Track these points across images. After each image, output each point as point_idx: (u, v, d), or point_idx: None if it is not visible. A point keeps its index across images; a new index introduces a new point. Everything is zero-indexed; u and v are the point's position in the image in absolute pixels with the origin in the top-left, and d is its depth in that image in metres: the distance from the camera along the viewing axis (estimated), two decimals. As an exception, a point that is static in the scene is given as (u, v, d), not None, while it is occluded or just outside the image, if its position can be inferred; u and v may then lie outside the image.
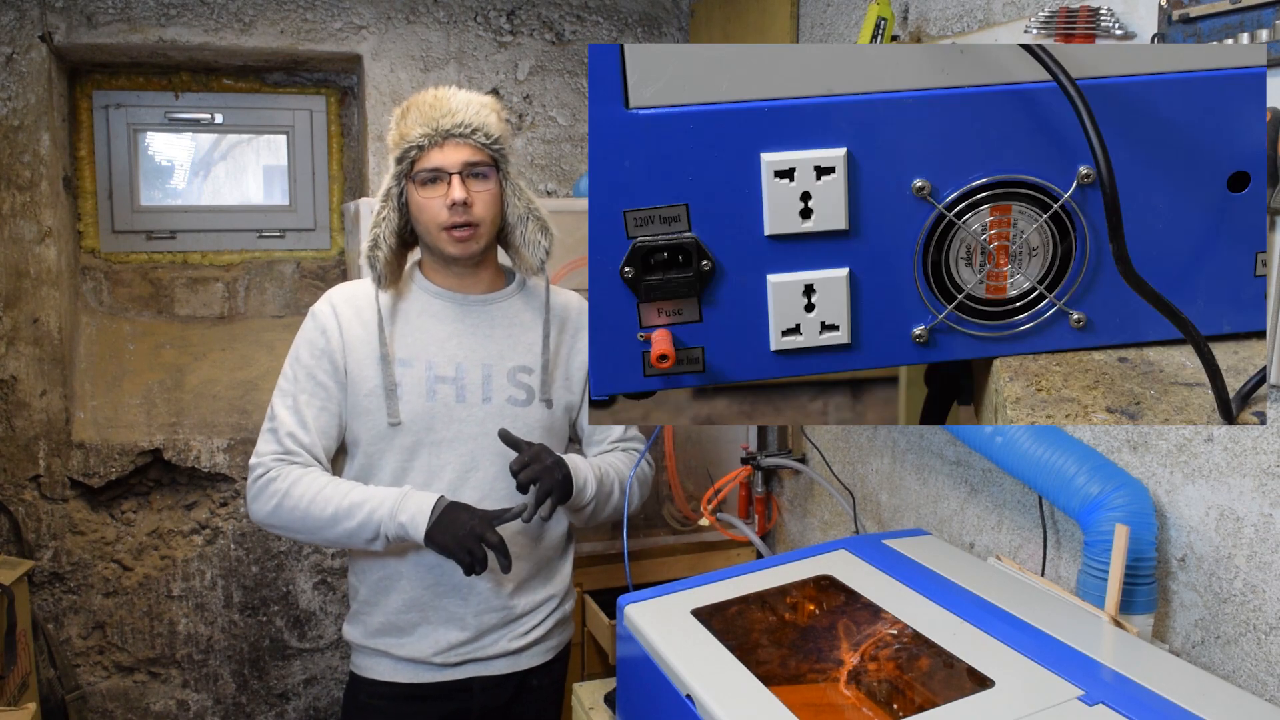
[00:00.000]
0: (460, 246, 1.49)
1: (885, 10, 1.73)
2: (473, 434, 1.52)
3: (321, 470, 1.53)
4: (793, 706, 1.03)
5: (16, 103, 2.41)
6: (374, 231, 1.50)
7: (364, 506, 1.46)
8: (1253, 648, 1.22)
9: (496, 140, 1.49)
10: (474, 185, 1.48)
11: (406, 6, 2.60)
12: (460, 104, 1.47)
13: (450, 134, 1.45)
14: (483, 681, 1.59)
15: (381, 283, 1.52)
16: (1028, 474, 1.42)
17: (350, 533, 1.47)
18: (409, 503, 1.45)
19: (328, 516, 1.47)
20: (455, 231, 1.48)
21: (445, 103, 1.47)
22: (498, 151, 1.50)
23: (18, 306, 2.45)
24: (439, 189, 1.46)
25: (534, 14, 2.70)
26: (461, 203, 1.45)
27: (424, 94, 1.50)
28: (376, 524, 1.45)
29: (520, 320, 1.59)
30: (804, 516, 2.34)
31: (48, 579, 2.53)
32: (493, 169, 1.50)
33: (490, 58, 2.68)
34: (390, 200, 1.50)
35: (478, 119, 1.47)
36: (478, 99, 1.50)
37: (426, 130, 1.45)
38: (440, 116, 1.45)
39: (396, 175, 1.49)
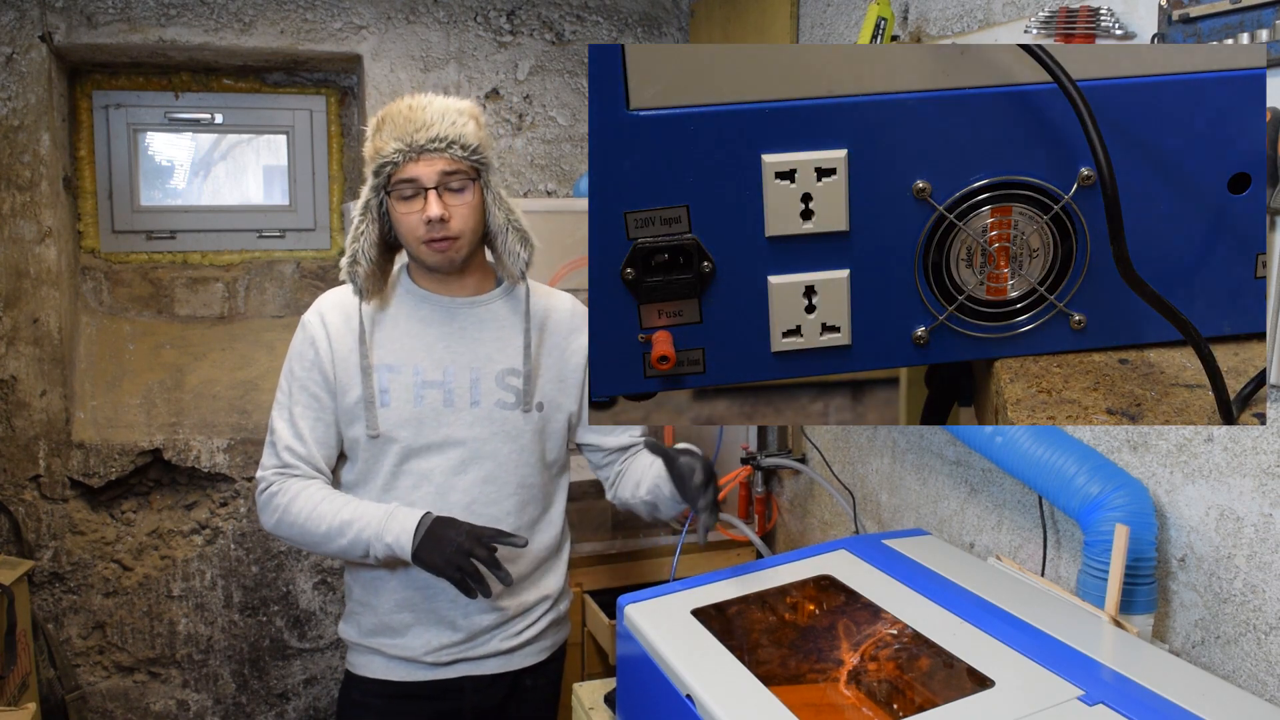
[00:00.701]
0: (440, 257, 1.48)
1: (885, 10, 1.73)
2: (461, 438, 1.52)
3: (321, 484, 1.53)
4: (793, 706, 1.03)
5: (16, 103, 2.41)
6: (353, 247, 1.48)
7: (353, 526, 1.46)
8: (1253, 648, 1.22)
9: (475, 150, 1.46)
10: (451, 198, 1.45)
11: (406, 6, 2.60)
12: (435, 115, 1.43)
13: (425, 148, 1.42)
14: (474, 681, 1.59)
15: (363, 296, 1.51)
16: (1028, 474, 1.42)
17: (344, 550, 1.49)
18: (393, 524, 1.45)
19: (322, 534, 1.48)
20: (434, 244, 1.46)
21: (420, 115, 1.43)
22: (476, 162, 1.47)
23: (18, 306, 2.45)
24: (416, 203, 1.44)
25: (534, 14, 2.70)
26: (439, 219, 1.44)
27: (399, 104, 1.46)
28: (365, 543, 1.46)
29: (508, 323, 1.58)
30: (804, 516, 2.34)
31: (48, 579, 2.54)
32: (472, 180, 1.47)
33: (490, 58, 2.68)
34: (369, 213, 1.48)
35: (453, 131, 1.43)
36: (455, 107, 1.46)
37: (400, 145, 1.42)
38: (415, 131, 1.42)
39: (374, 188, 1.47)
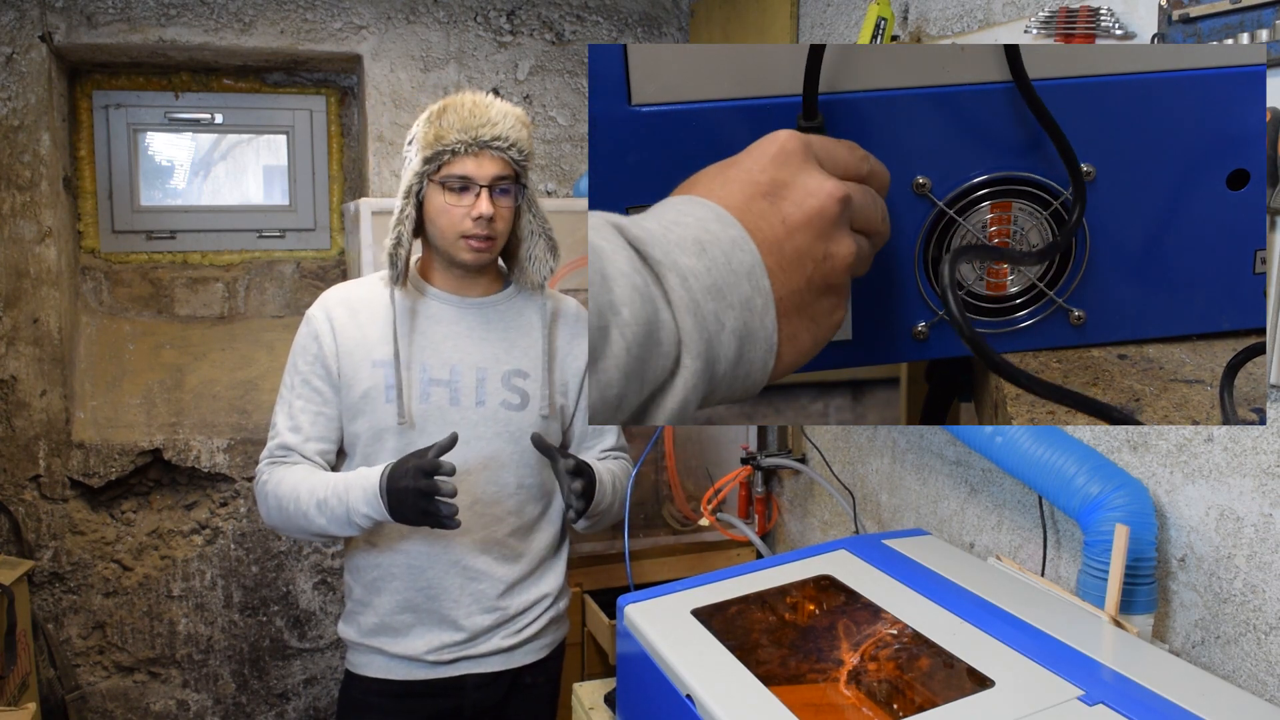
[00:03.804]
0: (475, 255, 1.49)
1: (885, 10, 1.73)
2: (466, 438, 1.52)
3: (305, 466, 1.53)
4: (793, 706, 1.03)
5: (16, 103, 2.41)
6: (397, 229, 1.47)
7: (328, 504, 1.46)
8: (1253, 648, 1.22)
9: (526, 157, 1.49)
10: (498, 200, 1.47)
11: (406, 6, 2.60)
12: (499, 115, 1.45)
13: (487, 145, 1.44)
14: (475, 679, 1.59)
15: (399, 280, 1.51)
16: (1028, 474, 1.41)
17: (326, 529, 1.48)
18: (356, 495, 1.43)
19: (304, 514, 1.48)
20: (473, 241, 1.47)
21: (485, 111, 1.44)
22: (523, 168, 1.49)
23: (18, 306, 2.45)
24: (465, 198, 1.45)
25: (534, 14, 2.70)
26: (488, 218, 1.45)
27: (461, 97, 1.47)
28: (345, 519, 1.45)
29: (516, 324, 1.59)
30: (804, 516, 2.34)
31: (48, 579, 2.53)
32: (516, 184, 1.49)
33: (490, 58, 2.68)
34: (411, 197, 1.48)
35: (514, 133, 1.45)
36: (514, 112, 1.48)
37: (464, 137, 1.43)
38: (480, 125, 1.43)
39: (421, 174, 1.46)
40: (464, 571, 1.55)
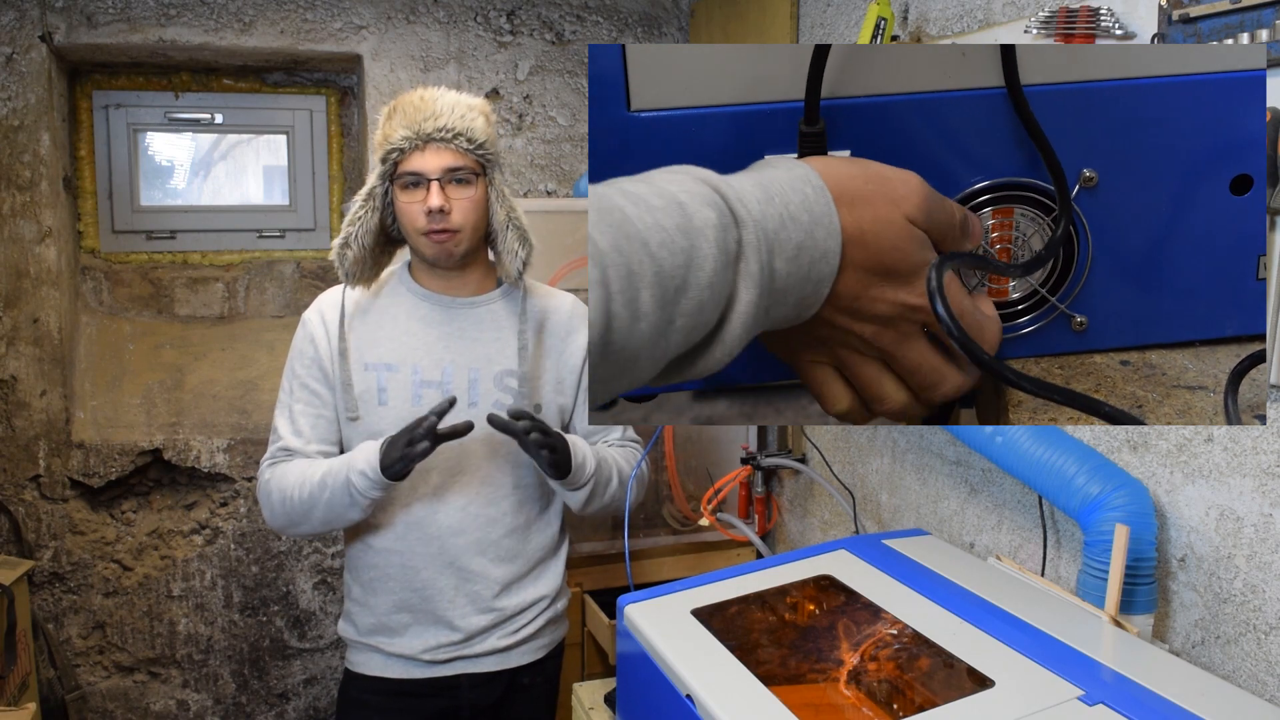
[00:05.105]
0: (437, 249, 1.49)
1: (885, 10, 1.73)
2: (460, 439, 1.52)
3: (300, 460, 1.53)
4: (793, 706, 1.03)
5: (16, 103, 2.40)
6: (346, 230, 1.48)
7: (329, 479, 1.46)
8: (1253, 648, 1.22)
9: (481, 145, 1.47)
10: (454, 191, 1.46)
11: (406, 6, 2.60)
12: (445, 106, 1.45)
13: (431, 138, 1.43)
14: (471, 678, 1.59)
15: (350, 280, 1.51)
16: (1028, 474, 1.42)
17: (331, 505, 1.47)
18: (356, 458, 1.45)
19: (307, 498, 1.48)
20: (433, 235, 1.47)
21: (430, 105, 1.44)
22: (483, 157, 1.48)
23: (18, 306, 2.45)
24: (419, 193, 1.45)
25: (534, 14, 2.70)
26: (439, 210, 1.44)
27: (411, 94, 1.47)
28: (344, 482, 1.45)
29: (508, 323, 1.58)
30: (804, 516, 2.34)
31: (48, 579, 2.53)
32: (477, 174, 1.48)
33: (490, 58, 2.68)
34: (372, 200, 1.49)
35: (462, 123, 1.44)
36: (466, 101, 1.47)
37: (408, 133, 1.43)
38: (423, 120, 1.43)
39: (380, 176, 1.48)
40: (459, 572, 1.55)
